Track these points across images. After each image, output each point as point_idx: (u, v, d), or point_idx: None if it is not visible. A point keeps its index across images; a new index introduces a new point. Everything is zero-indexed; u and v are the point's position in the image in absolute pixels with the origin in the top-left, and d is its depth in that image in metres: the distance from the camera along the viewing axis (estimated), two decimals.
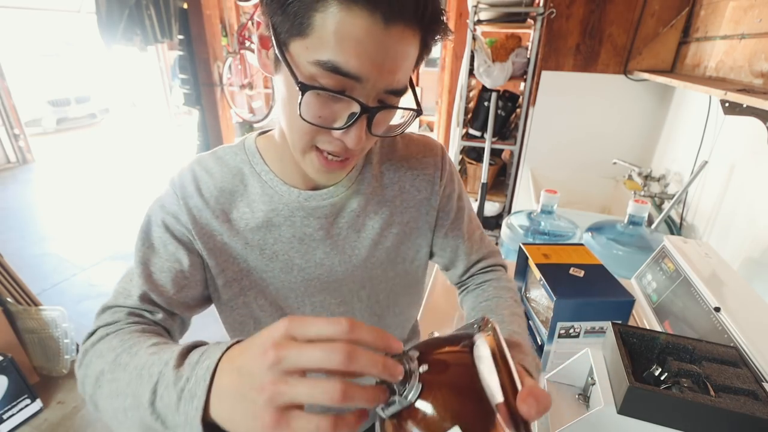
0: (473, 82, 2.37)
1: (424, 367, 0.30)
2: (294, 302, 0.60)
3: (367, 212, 0.59)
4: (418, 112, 0.47)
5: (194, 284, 0.54)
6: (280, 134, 0.53)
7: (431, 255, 0.67)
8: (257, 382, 0.27)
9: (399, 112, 0.48)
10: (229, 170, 0.56)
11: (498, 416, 0.28)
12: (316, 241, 0.57)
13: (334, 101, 0.42)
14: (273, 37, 0.42)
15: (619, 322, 0.59)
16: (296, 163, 0.53)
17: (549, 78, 1.94)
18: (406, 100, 0.48)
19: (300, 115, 0.42)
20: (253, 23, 3.54)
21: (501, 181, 2.59)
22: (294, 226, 0.56)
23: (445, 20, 0.42)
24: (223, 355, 0.31)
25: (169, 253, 0.52)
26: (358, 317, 0.63)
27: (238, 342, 0.32)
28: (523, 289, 0.93)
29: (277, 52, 0.42)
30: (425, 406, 0.29)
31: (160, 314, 0.50)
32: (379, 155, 0.62)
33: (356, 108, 0.41)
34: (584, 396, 0.61)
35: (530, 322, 0.87)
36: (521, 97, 2.19)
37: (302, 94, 0.40)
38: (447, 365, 0.31)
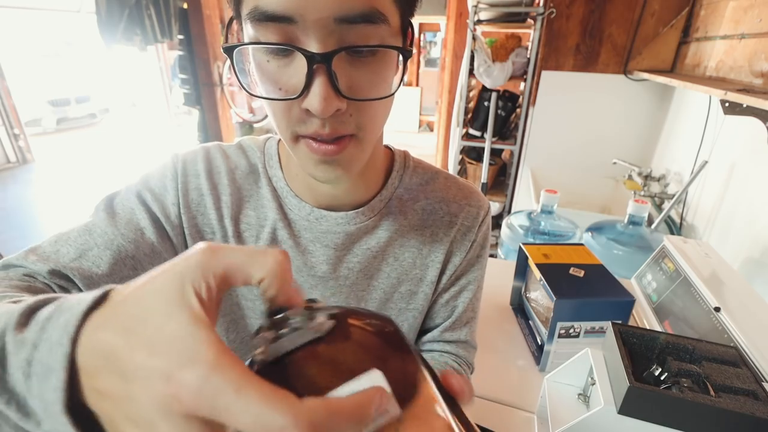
0: (473, 82, 2.37)
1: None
2: None
3: (386, 255, 0.50)
4: (404, 52, 0.35)
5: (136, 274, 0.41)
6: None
7: None
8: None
9: (391, 71, 0.37)
10: (248, 165, 0.49)
11: (428, 378, 0.22)
12: (317, 278, 0.48)
13: (287, 63, 0.33)
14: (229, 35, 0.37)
15: (619, 322, 0.59)
16: (306, 177, 0.46)
17: (549, 78, 1.94)
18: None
19: (246, 90, 0.35)
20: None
21: (501, 181, 2.59)
22: (297, 248, 0.48)
23: None
24: (97, 302, 0.18)
25: (131, 226, 0.42)
26: None
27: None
28: (523, 289, 0.93)
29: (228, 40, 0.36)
30: (338, 343, 0.21)
31: (45, 278, 0.38)
32: (415, 190, 0.51)
33: (303, 61, 0.31)
34: (584, 396, 0.61)
35: (530, 322, 0.87)
36: (521, 97, 2.19)
37: (231, 58, 0.33)
38: (371, 322, 0.24)
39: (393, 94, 0.38)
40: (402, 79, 0.37)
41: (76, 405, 0.17)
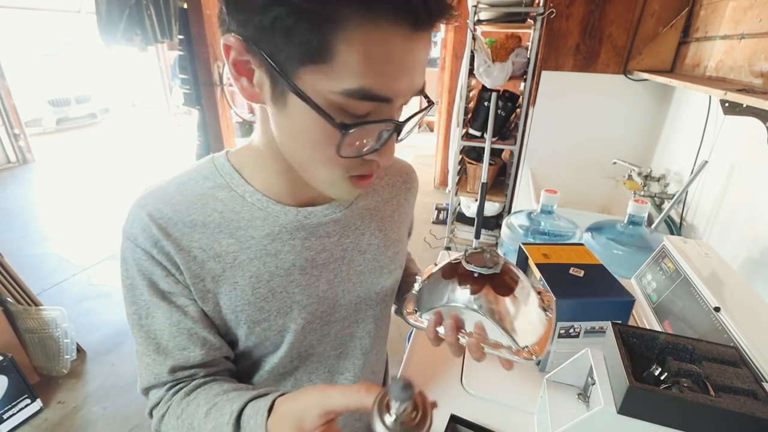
0: (473, 82, 2.37)
1: None
2: (288, 357, 0.53)
3: (372, 229, 0.56)
4: (431, 103, 0.44)
5: (210, 328, 0.48)
6: (269, 150, 0.45)
7: None
8: None
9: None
10: (194, 197, 0.46)
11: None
12: (319, 267, 0.51)
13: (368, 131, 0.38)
14: (273, 66, 0.35)
15: (619, 322, 0.59)
16: (288, 183, 0.48)
17: (549, 78, 1.93)
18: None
19: (339, 155, 0.38)
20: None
21: (501, 181, 2.59)
22: (295, 250, 0.49)
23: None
24: (269, 411, 0.39)
25: (166, 312, 0.46)
26: (354, 364, 0.60)
27: (282, 395, 0.40)
28: None
29: (286, 83, 0.35)
30: (506, 272, 0.51)
31: (201, 373, 0.48)
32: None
33: (389, 126, 0.38)
34: (584, 396, 0.61)
35: None
36: (521, 97, 2.19)
37: (344, 135, 0.36)
38: None
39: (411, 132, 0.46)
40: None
41: None
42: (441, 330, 0.48)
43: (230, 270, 0.46)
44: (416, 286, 0.55)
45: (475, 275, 0.48)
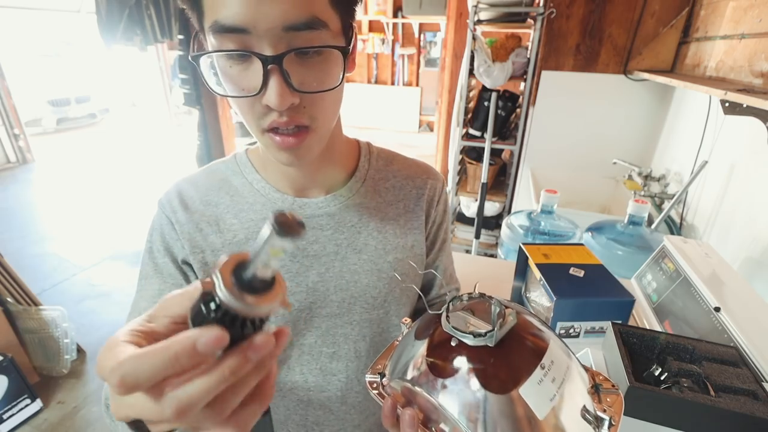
0: (473, 82, 2.36)
1: None
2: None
3: (369, 229, 0.56)
4: (342, 49, 0.41)
5: None
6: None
7: None
8: None
9: (335, 66, 0.42)
10: (216, 181, 0.55)
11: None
12: (310, 257, 0.53)
13: (245, 67, 0.40)
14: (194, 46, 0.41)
15: (619, 322, 0.59)
16: (282, 170, 0.53)
17: (549, 78, 1.93)
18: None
19: (213, 90, 0.41)
20: None
21: (501, 181, 2.59)
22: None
23: None
24: None
25: (172, 276, 0.51)
26: (349, 364, 0.58)
27: None
28: (523, 289, 0.93)
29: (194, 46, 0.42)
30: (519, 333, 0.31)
31: None
32: (381, 170, 0.60)
33: (259, 63, 0.38)
34: None
35: None
36: (521, 97, 2.19)
37: (199, 65, 0.40)
38: None
39: (338, 86, 0.43)
40: (344, 73, 0.43)
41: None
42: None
43: (228, 246, 0.52)
44: (403, 330, 0.40)
45: (462, 344, 0.30)
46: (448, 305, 0.32)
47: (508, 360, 0.28)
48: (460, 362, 0.29)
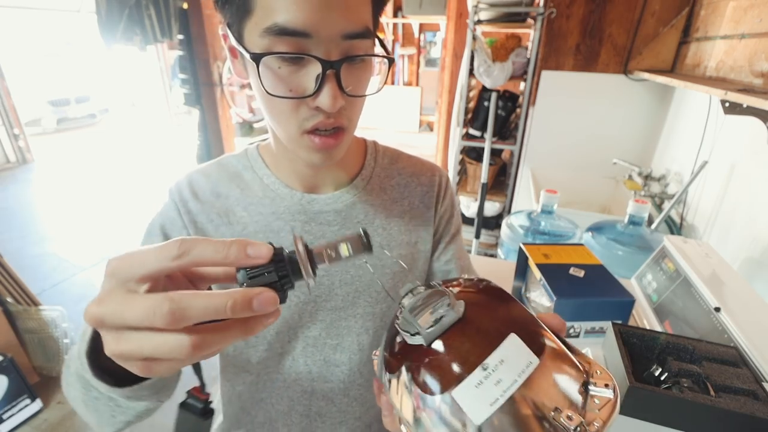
0: (473, 82, 2.37)
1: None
2: (285, 336, 0.55)
3: (375, 226, 0.57)
4: (390, 59, 0.44)
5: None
6: (273, 137, 0.52)
7: None
8: None
9: (374, 73, 0.46)
10: (227, 174, 0.56)
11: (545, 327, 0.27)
12: None
13: (297, 69, 0.40)
14: (229, 33, 0.41)
15: (619, 322, 0.58)
16: (294, 168, 0.54)
17: (549, 78, 1.93)
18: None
19: (267, 92, 0.40)
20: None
21: (501, 181, 2.59)
22: (293, 230, 0.54)
23: None
24: None
25: None
26: (352, 366, 0.58)
27: None
28: (523, 289, 0.93)
29: (234, 43, 0.40)
30: (475, 319, 0.26)
31: None
32: (387, 168, 0.61)
33: (318, 67, 0.39)
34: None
35: None
36: (521, 97, 2.19)
37: (257, 66, 0.39)
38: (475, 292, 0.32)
39: (379, 90, 0.46)
40: (386, 80, 0.47)
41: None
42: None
43: (238, 237, 0.52)
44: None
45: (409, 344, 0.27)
46: (407, 295, 0.30)
47: (447, 359, 0.25)
48: (403, 359, 0.27)
